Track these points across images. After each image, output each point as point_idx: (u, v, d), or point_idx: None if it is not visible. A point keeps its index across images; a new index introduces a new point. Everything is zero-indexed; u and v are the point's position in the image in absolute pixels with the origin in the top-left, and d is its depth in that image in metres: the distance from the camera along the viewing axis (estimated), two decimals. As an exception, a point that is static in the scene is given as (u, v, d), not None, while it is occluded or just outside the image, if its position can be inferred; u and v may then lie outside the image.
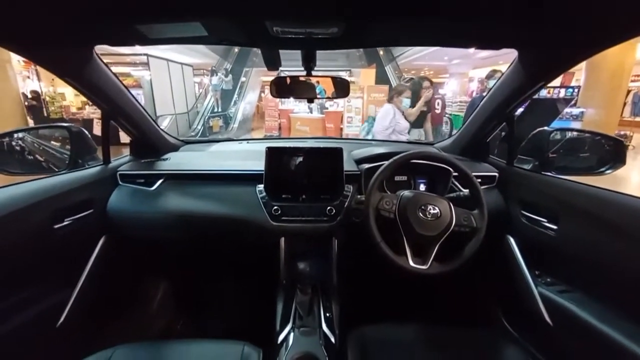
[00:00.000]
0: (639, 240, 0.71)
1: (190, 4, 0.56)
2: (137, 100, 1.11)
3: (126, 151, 1.28)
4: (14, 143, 1.19)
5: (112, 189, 1.11)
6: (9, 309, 0.80)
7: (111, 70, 0.97)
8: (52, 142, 1.26)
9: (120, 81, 1.01)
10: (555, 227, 0.91)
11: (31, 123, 7.21)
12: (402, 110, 2.91)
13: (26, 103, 7.04)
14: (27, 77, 10.32)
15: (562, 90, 7.81)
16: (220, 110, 10.21)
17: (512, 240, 1.06)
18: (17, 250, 0.81)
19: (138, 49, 8.32)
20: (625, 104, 7.96)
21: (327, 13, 0.63)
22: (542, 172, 1.06)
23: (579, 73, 7.98)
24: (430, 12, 0.60)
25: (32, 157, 1.20)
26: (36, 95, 7.20)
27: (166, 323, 1.40)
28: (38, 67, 9.32)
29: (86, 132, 1.14)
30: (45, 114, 8.78)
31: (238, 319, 1.29)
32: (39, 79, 9.81)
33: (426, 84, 3.09)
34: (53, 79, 10.64)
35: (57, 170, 1.13)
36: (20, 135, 1.21)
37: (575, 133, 1.20)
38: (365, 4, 0.58)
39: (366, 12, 0.62)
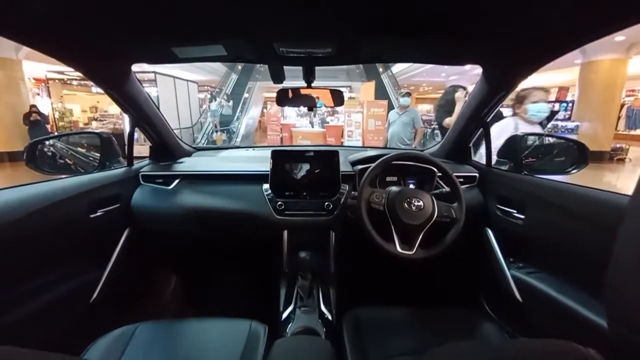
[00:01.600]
0: (591, 222, 0.83)
1: (218, 30, 0.73)
2: (159, 110, 1.27)
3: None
4: (45, 149, 1.35)
5: (135, 188, 1.25)
6: (53, 282, 0.92)
7: (141, 83, 1.13)
8: (79, 147, 1.42)
9: (147, 93, 1.18)
10: (522, 216, 1.04)
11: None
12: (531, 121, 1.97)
13: (28, 120, 7.13)
14: (37, 94, 10.70)
15: (557, 105, 8.05)
16: (224, 125, 10.46)
17: (490, 232, 1.18)
18: (61, 233, 0.94)
19: (145, 67, 8.68)
20: (619, 117, 8.14)
21: (323, 36, 0.80)
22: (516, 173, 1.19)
23: (574, 88, 8.22)
24: (402, 35, 0.77)
25: (62, 161, 1.35)
26: (36, 110, 7.23)
27: (181, 305, 1.52)
28: (49, 85, 9.70)
29: (114, 139, 1.30)
30: (55, 129, 9.04)
31: (246, 301, 1.40)
32: (49, 96, 10.15)
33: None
34: (62, 96, 11.03)
35: (83, 172, 1.28)
36: (52, 141, 1.37)
37: (545, 138, 1.34)
38: (353, 29, 0.75)
39: (353, 35, 0.78)
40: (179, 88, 9.13)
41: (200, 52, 0.88)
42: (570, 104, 7.91)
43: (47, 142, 1.34)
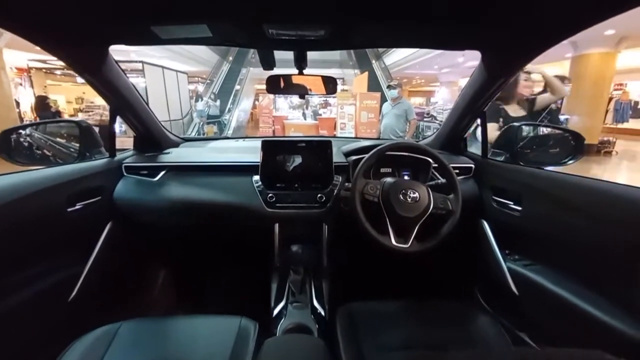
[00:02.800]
0: (589, 214, 0.81)
1: (200, 8, 0.67)
2: (143, 98, 1.20)
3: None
4: (21, 138, 1.27)
5: (118, 180, 1.19)
6: (27, 280, 0.87)
7: (120, 68, 1.06)
8: (58, 137, 1.34)
9: (128, 79, 1.11)
10: (519, 208, 1.02)
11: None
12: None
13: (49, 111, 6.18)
14: (20, 84, 10.31)
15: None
16: (214, 117, 10.27)
17: (485, 223, 1.16)
18: (36, 227, 0.89)
19: (133, 56, 8.42)
20: (607, 111, 8.28)
21: (315, 18, 0.75)
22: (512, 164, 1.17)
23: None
24: (400, 18, 0.72)
25: (39, 151, 1.28)
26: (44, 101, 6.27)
27: (168, 302, 1.48)
28: (32, 74, 9.35)
29: (94, 128, 1.23)
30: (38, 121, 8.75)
31: (235, 298, 1.36)
32: (31, 86, 9.80)
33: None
34: (45, 86, 10.67)
35: (62, 162, 1.21)
36: (29, 130, 1.29)
37: (542, 128, 1.32)
38: (346, 11, 0.69)
39: (347, 18, 0.73)
40: (168, 79, 8.88)
41: (184, 33, 0.82)
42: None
43: (22, 132, 1.26)
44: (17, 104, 8.39)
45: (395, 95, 3.75)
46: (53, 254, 0.96)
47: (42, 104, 6.44)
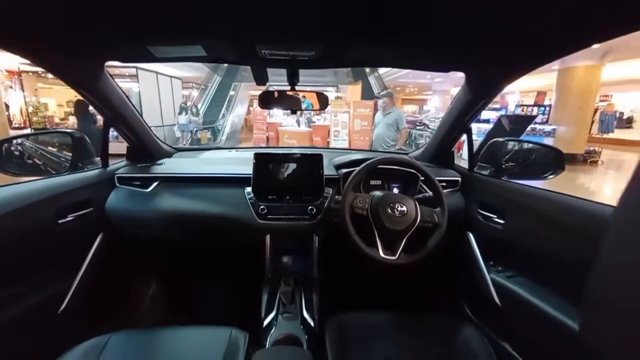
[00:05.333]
0: (568, 230, 0.85)
1: (195, 29, 0.70)
2: (137, 109, 1.21)
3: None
4: (12, 148, 1.26)
5: (110, 191, 1.19)
6: (16, 295, 0.87)
7: (115, 82, 1.07)
8: (50, 147, 1.34)
9: (123, 91, 1.12)
10: (502, 221, 1.06)
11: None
12: None
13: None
14: (10, 87, 10.17)
15: (535, 109, 8.34)
16: (208, 123, 10.23)
17: (471, 236, 1.20)
18: (25, 241, 0.89)
19: (127, 61, 8.39)
20: (593, 121, 8.50)
21: (306, 39, 0.78)
22: (497, 178, 1.21)
23: (551, 93, 8.53)
24: (387, 41, 0.76)
25: (31, 161, 1.28)
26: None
27: (159, 314, 1.47)
28: (22, 77, 9.23)
29: (87, 138, 1.23)
30: (29, 124, 8.64)
31: (226, 309, 1.37)
32: (22, 89, 9.67)
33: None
34: (36, 89, 10.53)
35: (54, 173, 1.21)
36: (20, 140, 1.29)
37: (524, 144, 1.37)
38: (336, 34, 0.73)
39: (336, 40, 0.77)
40: (162, 84, 8.88)
41: (179, 52, 0.84)
42: (547, 108, 8.20)
43: (14, 141, 1.26)
44: (7, 107, 8.27)
45: (381, 104, 3.84)
46: (42, 266, 0.96)
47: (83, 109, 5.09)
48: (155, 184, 1.22)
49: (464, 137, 1.30)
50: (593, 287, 0.27)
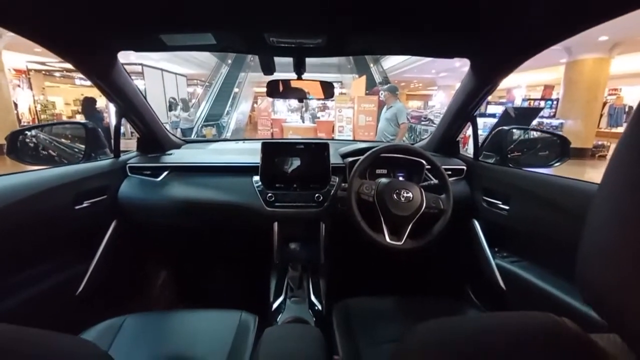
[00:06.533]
0: (570, 212, 0.86)
1: (207, 18, 0.72)
2: (147, 101, 1.24)
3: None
4: (27, 140, 1.30)
5: (122, 180, 1.22)
6: (37, 276, 0.91)
7: (128, 73, 1.10)
8: (63, 139, 1.38)
9: (134, 83, 1.15)
10: (507, 207, 1.07)
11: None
12: None
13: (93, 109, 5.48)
14: (18, 86, 10.31)
15: (542, 102, 8.23)
16: (213, 120, 10.28)
17: (476, 223, 1.21)
18: (45, 225, 0.92)
19: (132, 58, 8.45)
20: (601, 115, 8.38)
21: (313, 27, 0.80)
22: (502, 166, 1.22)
23: (558, 87, 8.41)
24: (393, 28, 0.77)
25: (45, 152, 1.32)
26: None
27: (171, 298, 1.51)
28: (30, 76, 9.36)
29: (99, 130, 1.27)
30: (37, 122, 8.77)
31: (236, 293, 1.40)
32: (30, 88, 9.80)
33: None
34: (44, 88, 10.67)
35: (67, 163, 1.24)
36: (35, 132, 1.32)
37: (530, 132, 1.37)
38: (343, 21, 0.75)
39: (343, 28, 0.78)
40: (167, 81, 8.93)
41: (190, 41, 0.87)
42: (555, 102, 8.09)
43: (28, 133, 1.30)
44: (15, 105, 8.39)
45: (381, 97, 3.86)
46: (61, 250, 1.00)
47: (90, 107, 5.77)
48: (165, 173, 1.25)
49: (469, 132, 1.31)
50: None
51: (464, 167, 1.31)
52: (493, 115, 7.35)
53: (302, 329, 0.77)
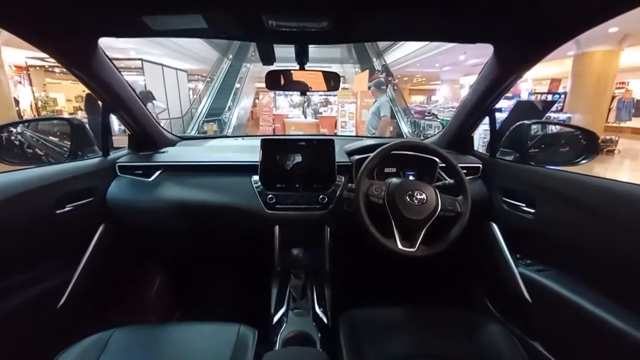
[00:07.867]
0: (608, 217, 0.77)
1: None
2: (137, 95, 1.15)
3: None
4: (12, 137, 1.22)
5: (111, 180, 1.14)
6: (13, 288, 0.83)
7: (114, 64, 1.01)
8: (50, 136, 1.29)
9: (122, 75, 1.06)
10: (532, 210, 0.97)
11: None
12: None
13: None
14: (19, 83, 10.26)
15: (549, 96, 8.07)
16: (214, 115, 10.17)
17: (495, 226, 1.11)
18: (22, 232, 0.84)
19: (132, 54, 8.36)
20: (610, 109, 8.21)
21: (318, 7, 0.70)
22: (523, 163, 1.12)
23: (565, 81, 8.23)
24: (410, 7, 0.67)
25: (31, 151, 1.23)
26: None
27: (164, 308, 1.43)
28: (30, 72, 9.30)
29: (87, 125, 1.18)
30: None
31: (234, 304, 1.33)
32: (30, 84, 9.75)
33: None
34: (45, 84, 10.62)
35: (53, 162, 1.16)
36: (19, 128, 1.24)
37: (552, 126, 1.27)
38: (349, 3, 0.65)
39: (352, 7, 0.68)
40: (167, 77, 8.83)
41: (177, 24, 0.77)
42: (562, 96, 7.93)
43: (12, 129, 1.22)
44: (16, 102, 8.33)
45: (371, 89, 4.06)
46: (41, 258, 0.92)
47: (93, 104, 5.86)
48: (158, 172, 1.16)
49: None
50: None
51: (480, 165, 1.22)
52: (499, 110, 7.21)
53: (305, 354, 0.69)
